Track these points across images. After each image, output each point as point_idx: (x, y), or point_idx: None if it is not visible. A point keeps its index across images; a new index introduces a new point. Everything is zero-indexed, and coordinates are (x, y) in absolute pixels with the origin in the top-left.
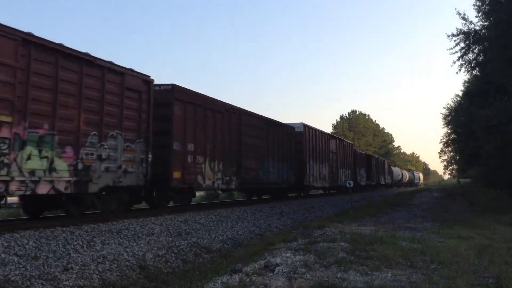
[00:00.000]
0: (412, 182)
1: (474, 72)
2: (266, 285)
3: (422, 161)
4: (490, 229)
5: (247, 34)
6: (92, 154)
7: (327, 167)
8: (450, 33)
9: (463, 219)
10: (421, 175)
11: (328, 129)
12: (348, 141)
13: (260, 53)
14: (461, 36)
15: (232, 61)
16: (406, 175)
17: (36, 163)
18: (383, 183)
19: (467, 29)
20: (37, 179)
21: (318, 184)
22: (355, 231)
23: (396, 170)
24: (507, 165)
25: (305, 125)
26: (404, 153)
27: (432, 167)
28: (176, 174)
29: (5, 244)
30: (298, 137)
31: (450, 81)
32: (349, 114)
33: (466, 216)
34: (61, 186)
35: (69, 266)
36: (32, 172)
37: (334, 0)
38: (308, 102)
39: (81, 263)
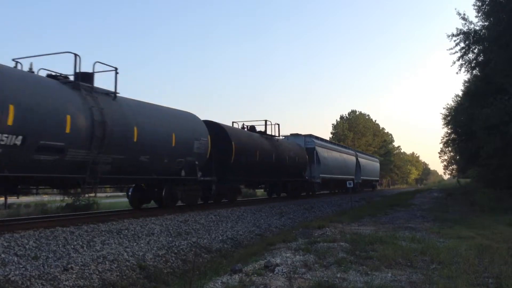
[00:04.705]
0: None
1: (474, 72)
2: (266, 285)
3: (422, 161)
4: (490, 229)
5: (247, 34)
6: None
7: None
8: (450, 33)
9: (463, 219)
10: (375, 165)
11: (328, 129)
12: None
13: (260, 53)
14: (461, 36)
15: (233, 61)
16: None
17: None
18: None
19: (467, 29)
20: None
21: None
22: (355, 231)
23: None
24: (507, 165)
25: None
26: (404, 153)
27: (432, 167)
28: None
29: (5, 244)
30: None
31: (450, 81)
32: (349, 114)
33: (466, 216)
34: None
35: (69, 266)
36: None
37: (334, 0)
38: (308, 102)
39: (81, 263)
